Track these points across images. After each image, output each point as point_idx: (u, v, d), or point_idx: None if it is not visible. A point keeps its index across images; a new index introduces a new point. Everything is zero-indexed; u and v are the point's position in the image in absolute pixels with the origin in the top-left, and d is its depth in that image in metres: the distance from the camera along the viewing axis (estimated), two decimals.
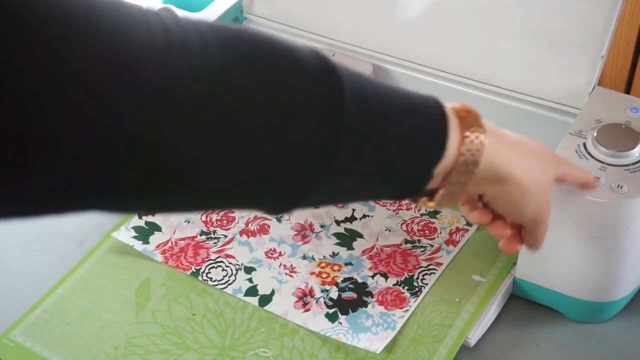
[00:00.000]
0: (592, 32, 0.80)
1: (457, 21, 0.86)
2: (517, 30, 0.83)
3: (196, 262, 0.80)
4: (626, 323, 0.76)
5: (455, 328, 0.73)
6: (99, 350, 0.73)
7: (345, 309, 0.75)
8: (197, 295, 0.77)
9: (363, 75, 0.50)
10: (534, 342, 0.75)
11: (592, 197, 0.70)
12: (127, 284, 0.78)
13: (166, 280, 0.79)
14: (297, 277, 0.78)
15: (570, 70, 0.81)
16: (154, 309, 0.76)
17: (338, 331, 0.73)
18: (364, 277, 0.78)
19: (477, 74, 0.85)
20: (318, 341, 0.73)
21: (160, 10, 0.95)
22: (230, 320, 0.75)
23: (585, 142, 0.75)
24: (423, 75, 0.88)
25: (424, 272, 0.78)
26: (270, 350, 0.73)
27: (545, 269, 0.75)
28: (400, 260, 0.79)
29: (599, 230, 0.71)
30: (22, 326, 0.76)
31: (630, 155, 0.73)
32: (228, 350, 0.73)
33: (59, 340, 0.74)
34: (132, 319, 0.75)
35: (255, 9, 0.96)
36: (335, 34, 0.92)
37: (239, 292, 0.77)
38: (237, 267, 0.79)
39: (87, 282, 0.79)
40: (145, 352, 0.73)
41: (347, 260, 0.80)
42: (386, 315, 0.74)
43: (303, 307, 0.76)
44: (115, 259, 0.81)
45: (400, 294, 0.76)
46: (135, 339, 0.74)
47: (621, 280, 0.74)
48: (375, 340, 0.72)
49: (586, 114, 0.77)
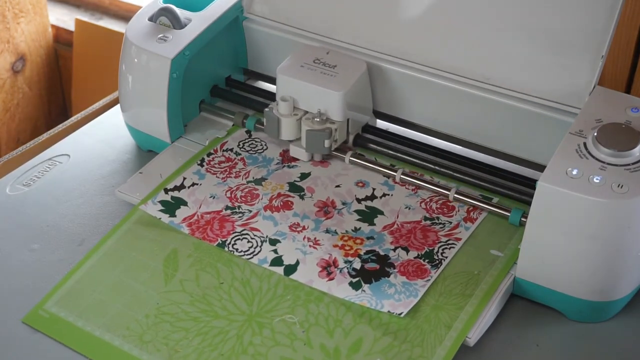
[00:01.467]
0: (592, 31, 0.80)
1: (456, 20, 0.86)
2: (517, 30, 0.83)
3: (222, 235, 0.82)
4: (627, 322, 0.76)
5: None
6: (130, 318, 0.75)
7: (369, 279, 0.77)
8: (224, 265, 0.79)
9: None
10: (534, 341, 0.75)
11: (592, 196, 0.70)
12: (155, 255, 0.80)
13: (193, 251, 0.81)
14: (320, 249, 0.80)
15: (570, 70, 0.81)
16: (182, 278, 0.78)
17: (362, 297, 0.76)
18: (386, 250, 0.80)
19: (477, 74, 0.85)
20: (342, 308, 0.75)
21: (160, 9, 0.96)
22: (256, 288, 0.77)
23: (585, 141, 0.75)
24: (423, 75, 0.88)
25: (444, 246, 0.80)
26: (297, 317, 0.75)
27: (546, 269, 0.75)
28: (421, 235, 0.82)
29: (599, 230, 0.71)
30: (56, 297, 0.77)
31: (631, 155, 0.73)
32: (255, 316, 0.75)
33: (92, 310, 0.76)
34: (161, 288, 0.77)
35: (255, 8, 0.96)
36: (335, 33, 0.92)
37: (265, 262, 0.79)
38: (262, 239, 0.81)
39: (117, 253, 0.81)
40: (175, 320, 0.75)
41: (368, 234, 0.82)
42: (408, 285, 0.77)
43: (327, 277, 0.78)
44: (143, 231, 0.83)
45: (421, 265, 0.79)
46: (165, 307, 0.76)
47: (622, 279, 0.74)
48: (399, 305, 0.75)
49: (586, 113, 0.77)
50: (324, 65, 0.90)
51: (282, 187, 0.87)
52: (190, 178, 0.88)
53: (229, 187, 0.87)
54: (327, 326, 0.74)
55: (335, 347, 0.73)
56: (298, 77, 0.88)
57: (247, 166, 0.90)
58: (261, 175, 0.88)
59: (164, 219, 0.84)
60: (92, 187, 0.91)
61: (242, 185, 0.87)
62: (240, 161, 0.90)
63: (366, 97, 0.91)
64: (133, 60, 0.91)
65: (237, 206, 0.85)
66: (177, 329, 0.74)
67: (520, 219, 0.81)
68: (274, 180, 0.88)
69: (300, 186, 0.87)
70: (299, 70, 0.89)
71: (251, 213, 0.84)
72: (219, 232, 0.82)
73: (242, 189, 0.87)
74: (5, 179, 0.92)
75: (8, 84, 1.54)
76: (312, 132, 0.87)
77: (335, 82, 0.88)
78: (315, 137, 0.88)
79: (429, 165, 0.88)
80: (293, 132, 0.89)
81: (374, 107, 0.93)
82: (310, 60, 0.90)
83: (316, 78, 0.88)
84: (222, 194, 0.86)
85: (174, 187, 0.87)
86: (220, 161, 0.90)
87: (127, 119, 0.95)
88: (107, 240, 0.82)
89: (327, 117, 0.88)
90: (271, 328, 0.74)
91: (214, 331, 0.74)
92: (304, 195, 0.86)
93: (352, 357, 0.72)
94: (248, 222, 0.83)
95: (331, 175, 0.88)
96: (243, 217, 0.84)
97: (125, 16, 1.58)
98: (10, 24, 1.51)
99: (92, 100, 1.22)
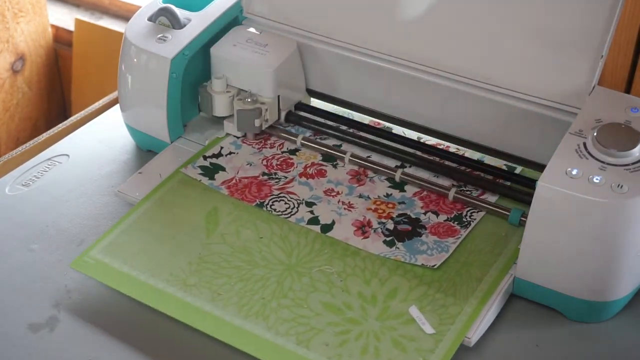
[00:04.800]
0: (592, 31, 0.80)
1: (456, 20, 0.86)
2: (517, 30, 0.83)
3: (260, 196, 0.86)
4: (626, 323, 0.76)
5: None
6: (174, 265, 0.79)
7: (402, 238, 0.82)
8: (263, 222, 0.83)
9: None
10: (534, 341, 0.75)
11: (592, 197, 0.70)
12: (197, 212, 0.84)
13: (233, 209, 0.85)
14: (355, 211, 0.85)
15: (570, 70, 0.81)
16: (224, 232, 0.82)
17: (396, 253, 0.80)
18: (417, 214, 0.84)
19: (477, 74, 0.85)
20: (378, 261, 0.79)
21: (160, 9, 0.95)
22: (295, 243, 0.81)
23: (585, 141, 0.75)
24: (424, 75, 0.88)
25: (472, 211, 0.84)
26: (334, 268, 0.79)
27: (546, 269, 0.75)
28: (449, 201, 0.85)
29: (599, 230, 0.71)
30: (101, 245, 0.81)
31: (631, 155, 0.73)
32: (295, 266, 0.79)
33: (136, 257, 0.80)
34: (204, 240, 0.81)
35: (255, 8, 0.96)
36: (334, 33, 0.92)
37: (302, 221, 0.83)
38: (298, 201, 0.86)
39: (160, 208, 0.85)
40: (217, 268, 0.79)
41: (400, 199, 0.86)
42: (439, 242, 0.81)
43: (362, 235, 0.82)
44: (184, 190, 0.87)
45: (451, 226, 0.83)
46: (208, 257, 0.80)
47: (621, 280, 0.74)
48: (431, 259, 0.79)
49: (586, 113, 0.77)
50: (256, 44, 0.92)
51: (315, 158, 0.91)
52: (227, 147, 0.92)
53: (265, 156, 0.91)
54: (363, 276, 0.78)
55: (372, 294, 0.76)
56: (230, 56, 0.91)
57: (280, 139, 0.93)
58: (295, 146, 0.92)
59: (204, 181, 0.88)
60: (91, 187, 0.91)
61: (277, 154, 0.91)
62: (273, 135, 0.94)
63: (298, 75, 0.95)
64: (132, 60, 0.91)
65: (274, 173, 0.89)
66: (220, 276, 0.78)
67: (519, 219, 0.81)
68: (308, 151, 0.92)
69: (333, 156, 0.91)
70: (232, 49, 0.92)
71: (287, 179, 0.88)
72: (257, 194, 0.86)
73: (277, 157, 0.91)
74: (4, 179, 0.92)
75: (7, 83, 1.54)
76: (243, 112, 0.91)
77: (265, 60, 0.91)
78: (245, 116, 0.91)
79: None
80: (226, 109, 0.92)
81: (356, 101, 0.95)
82: (243, 39, 0.93)
83: (247, 56, 0.91)
84: (259, 162, 0.90)
85: (212, 154, 0.91)
86: (255, 134, 0.93)
87: (126, 118, 0.95)
88: (150, 198, 0.86)
89: (258, 97, 0.91)
90: (310, 276, 0.78)
91: (255, 277, 0.78)
92: (336, 165, 0.90)
93: (389, 302, 0.76)
94: (284, 186, 0.87)
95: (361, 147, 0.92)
96: (280, 182, 0.88)
97: (125, 16, 1.58)
98: (9, 23, 1.51)
99: (91, 100, 1.22)
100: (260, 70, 0.90)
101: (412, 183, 0.87)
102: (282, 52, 0.92)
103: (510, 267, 0.78)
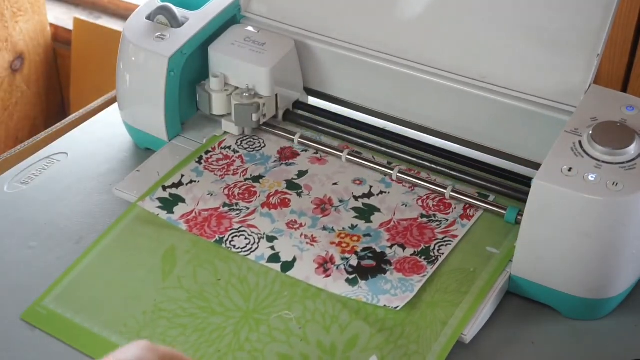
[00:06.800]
0: (588, 30, 0.80)
1: (452, 19, 0.86)
2: (513, 28, 0.83)
3: (220, 231, 0.82)
4: (621, 320, 0.77)
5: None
6: (128, 315, 0.75)
7: (365, 275, 0.78)
8: (221, 262, 0.79)
9: None
10: (530, 339, 0.75)
11: (587, 194, 0.71)
12: (153, 252, 0.81)
13: (191, 247, 0.81)
14: (317, 246, 0.81)
15: (566, 68, 0.81)
16: (180, 274, 0.79)
17: (358, 293, 0.76)
18: (383, 248, 0.80)
19: (473, 72, 0.85)
20: (339, 304, 0.75)
21: (158, 8, 0.96)
22: (253, 285, 0.77)
23: (581, 140, 0.75)
24: (419, 74, 0.88)
25: (440, 243, 0.81)
26: (293, 313, 0.75)
27: (541, 266, 0.75)
28: (417, 232, 0.82)
29: (594, 228, 0.72)
30: (54, 294, 0.78)
31: (626, 153, 0.73)
32: (252, 313, 0.75)
33: (89, 307, 0.76)
34: (159, 285, 0.78)
35: (253, 7, 0.96)
36: (332, 32, 0.92)
37: (262, 259, 0.80)
38: (259, 236, 0.82)
39: (114, 250, 0.81)
40: (173, 316, 0.75)
41: (365, 232, 0.82)
42: (404, 280, 0.77)
43: (324, 273, 0.78)
44: (140, 228, 0.83)
45: (417, 262, 0.79)
46: (163, 304, 0.76)
47: (616, 277, 0.75)
48: (395, 300, 0.75)
49: (582, 111, 0.78)
50: (254, 43, 0.92)
51: (279, 185, 0.87)
52: (188, 175, 0.88)
53: (227, 185, 0.87)
54: (323, 322, 0.74)
55: (332, 343, 0.73)
56: (228, 54, 0.91)
57: (245, 164, 0.90)
58: (259, 172, 0.89)
59: (162, 215, 0.84)
60: (89, 185, 0.91)
61: (240, 182, 0.88)
62: (238, 159, 0.91)
63: (295, 74, 0.95)
64: (131, 59, 0.91)
65: (235, 203, 0.85)
66: (175, 326, 0.75)
67: (516, 217, 0.82)
68: (272, 178, 0.88)
69: (298, 184, 0.87)
70: (230, 47, 0.92)
71: (249, 210, 0.84)
72: (216, 228, 0.83)
73: (239, 186, 0.87)
74: (3, 177, 0.92)
75: (6, 82, 1.54)
76: (240, 107, 0.90)
77: (262, 59, 0.90)
78: (243, 111, 0.90)
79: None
80: (224, 108, 0.92)
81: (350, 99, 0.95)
82: (241, 38, 0.93)
83: (245, 55, 0.91)
84: (220, 191, 0.87)
85: (171, 184, 0.87)
86: (218, 159, 0.90)
87: (124, 117, 0.95)
88: (105, 238, 0.82)
89: (256, 92, 0.91)
90: (268, 324, 0.74)
91: (211, 327, 0.74)
92: (301, 193, 0.86)
93: (349, 353, 0.72)
94: (245, 219, 0.83)
95: (328, 173, 0.89)
96: (240, 214, 0.84)
97: (124, 15, 1.58)
98: (8, 22, 1.51)
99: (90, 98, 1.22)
100: (257, 69, 0.90)
101: (408, 182, 0.87)
102: (280, 51, 0.92)
103: (506, 265, 0.78)
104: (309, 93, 0.97)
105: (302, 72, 0.95)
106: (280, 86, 0.92)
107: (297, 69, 0.95)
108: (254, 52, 0.91)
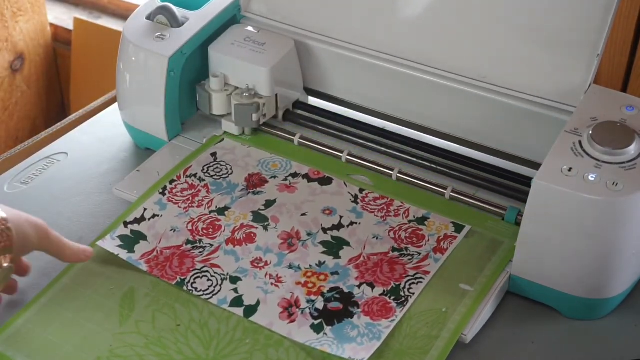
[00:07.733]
0: (588, 30, 0.80)
1: (452, 19, 0.86)
2: (513, 28, 0.83)
3: (181, 272, 0.79)
4: (621, 320, 0.77)
5: (446, 333, 0.72)
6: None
7: (331, 320, 0.74)
8: (182, 306, 0.76)
9: None
10: (530, 338, 0.75)
11: (587, 194, 0.71)
12: (111, 294, 0.77)
13: (151, 290, 0.77)
14: (282, 287, 0.77)
15: (566, 69, 0.81)
16: (138, 319, 0.75)
17: (323, 342, 0.72)
18: (350, 287, 0.77)
19: (473, 72, 0.85)
20: (303, 353, 0.72)
21: (158, 8, 0.96)
22: (214, 331, 0.74)
23: (581, 139, 0.75)
24: (419, 74, 0.88)
25: (411, 281, 0.77)
26: None
27: (541, 267, 0.75)
28: (387, 269, 0.79)
29: (594, 228, 0.72)
30: (4, 336, 0.74)
31: (626, 153, 0.73)
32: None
33: (41, 351, 0.73)
34: (116, 329, 0.74)
35: (253, 7, 0.96)
36: (332, 32, 0.92)
37: (224, 302, 0.76)
38: (222, 277, 0.78)
39: (71, 291, 0.77)
40: None
41: (333, 269, 0.79)
42: (372, 326, 0.74)
43: (288, 318, 0.75)
44: (99, 268, 0.79)
45: (386, 304, 0.75)
46: (119, 350, 0.72)
47: (616, 277, 0.75)
48: (360, 350, 0.71)
49: (582, 111, 0.78)
50: (254, 42, 0.92)
51: (245, 217, 0.84)
52: (150, 209, 0.84)
53: (191, 219, 0.84)
54: None
55: None
56: (228, 54, 0.91)
57: (210, 194, 0.86)
58: (224, 204, 0.85)
59: (122, 255, 0.80)
60: (89, 185, 0.91)
61: (205, 215, 0.84)
62: (203, 188, 0.87)
63: (295, 74, 0.95)
64: (131, 59, 0.91)
65: (199, 240, 0.82)
66: None
67: (516, 217, 0.82)
68: (238, 209, 0.85)
69: (265, 215, 0.84)
70: (230, 47, 0.92)
71: (212, 247, 0.81)
72: (178, 269, 0.79)
73: (204, 220, 0.84)
74: (3, 177, 0.92)
75: (7, 82, 1.54)
76: (240, 106, 0.90)
77: (262, 59, 0.90)
78: (243, 111, 0.90)
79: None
80: (224, 107, 0.92)
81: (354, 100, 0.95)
82: (241, 38, 0.93)
83: (245, 55, 0.91)
84: (184, 226, 0.83)
85: (133, 219, 0.83)
86: (183, 189, 0.87)
87: (124, 117, 0.95)
88: (62, 278, 0.79)
89: (256, 92, 0.91)
90: None
91: None
92: (267, 226, 0.83)
93: None
94: (209, 257, 0.80)
95: (297, 202, 0.85)
96: (204, 252, 0.80)
97: (124, 15, 1.58)
98: (9, 22, 1.51)
99: (90, 98, 1.22)
100: (257, 69, 0.90)
101: (408, 182, 0.87)
102: (280, 51, 0.92)
103: (506, 265, 0.78)
104: (309, 93, 0.97)
105: (302, 72, 0.95)
106: (280, 86, 0.92)
107: (297, 69, 0.95)
108: (254, 52, 0.91)
